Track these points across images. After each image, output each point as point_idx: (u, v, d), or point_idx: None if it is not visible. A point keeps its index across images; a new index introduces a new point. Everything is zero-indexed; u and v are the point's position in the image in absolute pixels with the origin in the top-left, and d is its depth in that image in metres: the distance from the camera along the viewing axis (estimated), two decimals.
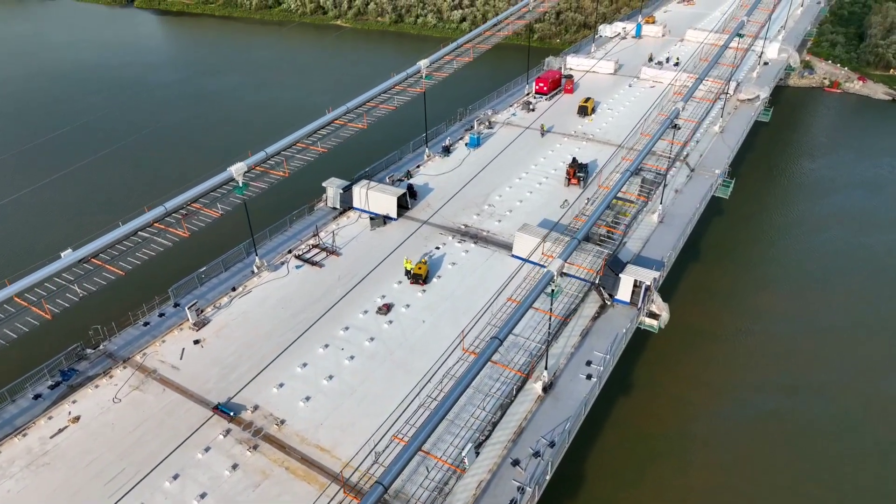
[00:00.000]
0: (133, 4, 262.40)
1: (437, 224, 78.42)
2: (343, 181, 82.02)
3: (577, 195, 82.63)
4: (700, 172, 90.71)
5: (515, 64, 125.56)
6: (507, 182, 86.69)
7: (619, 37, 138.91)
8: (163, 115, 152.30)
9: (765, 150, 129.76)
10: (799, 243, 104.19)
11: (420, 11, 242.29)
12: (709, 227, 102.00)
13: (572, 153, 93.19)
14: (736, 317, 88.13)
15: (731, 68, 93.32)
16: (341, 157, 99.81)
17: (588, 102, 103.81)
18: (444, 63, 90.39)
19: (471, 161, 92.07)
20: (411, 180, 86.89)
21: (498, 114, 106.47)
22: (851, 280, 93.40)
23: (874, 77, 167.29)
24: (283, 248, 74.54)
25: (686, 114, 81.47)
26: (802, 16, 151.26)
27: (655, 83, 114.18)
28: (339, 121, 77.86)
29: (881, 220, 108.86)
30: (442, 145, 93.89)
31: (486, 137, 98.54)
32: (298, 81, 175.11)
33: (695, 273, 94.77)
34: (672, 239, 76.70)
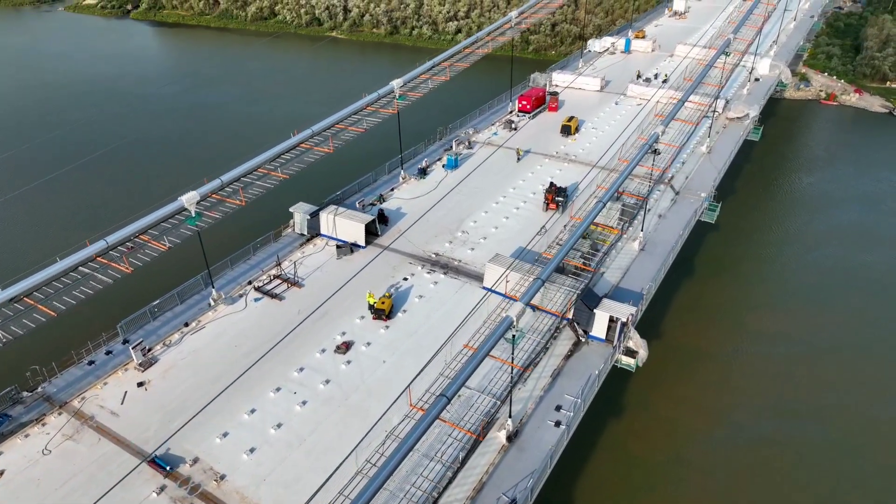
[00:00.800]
0: (129, 16, 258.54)
1: (408, 252, 73.72)
2: (311, 206, 77.42)
3: (556, 220, 77.80)
4: (685, 195, 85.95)
5: (504, 78, 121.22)
6: (483, 206, 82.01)
7: (608, 52, 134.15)
8: (145, 128, 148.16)
9: (761, 163, 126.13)
10: (796, 260, 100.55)
11: (415, 23, 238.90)
12: (703, 243, 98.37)
13: (553, 175, 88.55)
14: (731, 336, 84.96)
15: (717, 88, 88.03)
16: (314, 179, 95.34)
17: (571, 121, 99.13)
18: (420, 83, 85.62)
19: (447, 183, 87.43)
20: (384, 205, 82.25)
21: (479, 133, 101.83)
22: (850, 299, 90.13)
23: (870, 89, 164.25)
24: (244, 279, 69.88)
25: (668, 137, 76.65)
26: (795, 30, 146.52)
27: (643, 101, 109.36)
28: (305, 144, 73.12)
29: (880, 235, 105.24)
30: (418, 167, 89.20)
31: (465, 158, 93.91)
32: (293, 93, 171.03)
33: (689, 290, 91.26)
34: (653, 268, 71.90)
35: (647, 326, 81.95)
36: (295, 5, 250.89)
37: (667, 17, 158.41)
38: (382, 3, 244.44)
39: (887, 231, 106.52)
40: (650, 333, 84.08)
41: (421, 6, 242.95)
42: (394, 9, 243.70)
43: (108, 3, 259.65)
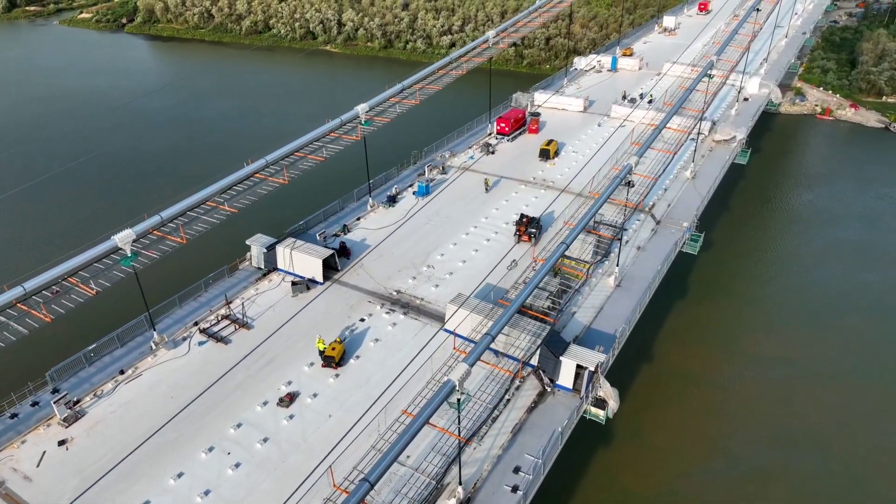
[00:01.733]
0: (124, 30, 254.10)
1: (368, 289, 68.06)
2: (269, 239, 71.80)
3: (528, 253, 72.15)
4: (667, 225, 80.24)
5: (483, 94, 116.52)
6: (452, 237, 76.37)
7: (594, 70, 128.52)
8: (124, 144, 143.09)
9: (757, 179, 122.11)
10: (794, 280, 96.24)
11: (409, 37, 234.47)
12: (698, 262, 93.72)
13: (528, 203, 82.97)
14: (727, 359, 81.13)
15: (703, 110, 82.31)
16: (279, 207, 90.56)
17: (550, 145, 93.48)
18: (388, 107, 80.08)
19: (417, 212, 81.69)
20: (348, 235, 76.67)
21: (455, 156, 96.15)
22: (850, 320, 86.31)
23: (866, 104, 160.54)
24: (191, 319, 64.16)
25: (646, 166, 70.88)
26: (787, 47, 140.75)
27: (627, 122, 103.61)
28: (260, 174, 67.57)
29: (880, 254, 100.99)
30: (388, 194, 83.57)
31: (439, 184, 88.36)
32: (285, 108, 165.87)
33: (682, 311, 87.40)
34: (629, 307, 66.11)
35: (639, 349, 79.96)
36: (289, 19, 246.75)
37: (656, 34, 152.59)
38: (376, 17, 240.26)
39: (887, 249, 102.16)
40: (642, 356, 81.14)
41: (415, 20, 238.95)
42: (388, 23, 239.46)
43: (103, 17, 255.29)
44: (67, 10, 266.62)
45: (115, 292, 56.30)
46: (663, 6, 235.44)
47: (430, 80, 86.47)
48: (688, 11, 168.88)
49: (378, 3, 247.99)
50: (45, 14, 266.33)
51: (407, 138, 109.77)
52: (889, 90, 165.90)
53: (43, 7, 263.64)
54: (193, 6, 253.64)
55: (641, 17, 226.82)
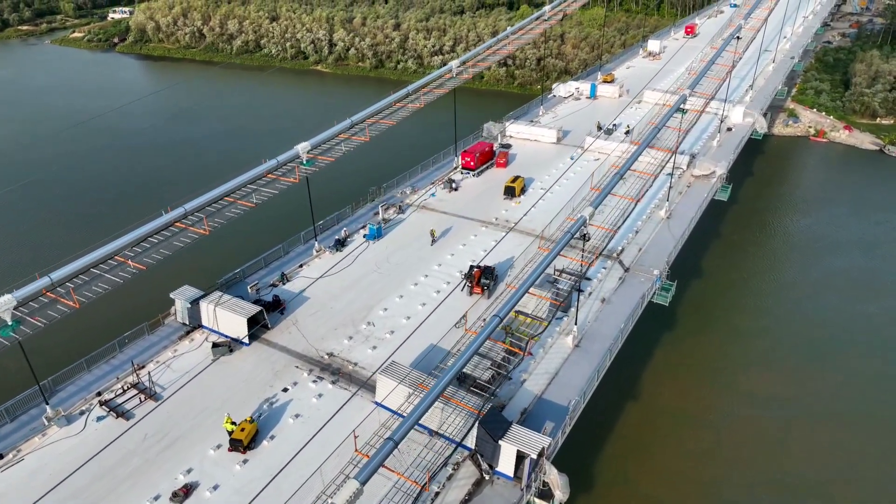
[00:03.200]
0: (115, 49, 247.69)
1: (297, 352, 59.81)
2: (196, 291, 63.59)
3: (480, 307, 63.85)
4: (636, 273, 71.78)
5: (475, 119, 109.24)
6: (399, 288, 68.11)
7: (573, 97, 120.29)
8: (93, 168, 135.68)
9: (751, 204, 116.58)
10: (792, 311, 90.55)
11: (400, 57, 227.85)
12: (688, 291, 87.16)
13: (487, 248, 74.77)
14: (722, 397, 76.39)
15: (674, 148, 73.98)
16: (216, 252, 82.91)
17: (516, 182, 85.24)
18: (334, 144, 72.02)
19: (366, 258, 73.66)
20: (287, 285, 68.38)
21: (416, 193, 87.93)
22: (850, 356, 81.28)
23: (860, 126, 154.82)
24: (97, 387, 55.92)
25: (603, 217, 62.51)
26: (774, 73, 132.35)
27: (602, 155, 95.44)
28: (181, 223, 59.44)
29: (880, 284, 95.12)
30: (336, 237, 75.34)
31: (394, 224, 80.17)
32: (273, 129, 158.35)
33: (673, 345, 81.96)
34: (585, 373, 57.68)
35: (628, 385, 75.17)
36: (280, 39, 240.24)
37: (641, 58, 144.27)
38: (367, 37, 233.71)
39: (887, 278, 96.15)
40: (631, 393, 75.24)
41: (406, 40, 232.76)
42: (379, 43, 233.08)
43: (95, 37, 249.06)
44: (60, 30, 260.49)
45: (8, 356, 48.53)
46: (656, 27, 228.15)
47: (385, 115, 78.21)
48: (674, 34, 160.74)
49: (369, 23, 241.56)
50: (38, 33, 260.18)
51: (367, 173, 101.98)
52: (883, 112, 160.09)
53: (35, 27, 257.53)
54: (185, 26, 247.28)
55: (633, 38, 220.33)
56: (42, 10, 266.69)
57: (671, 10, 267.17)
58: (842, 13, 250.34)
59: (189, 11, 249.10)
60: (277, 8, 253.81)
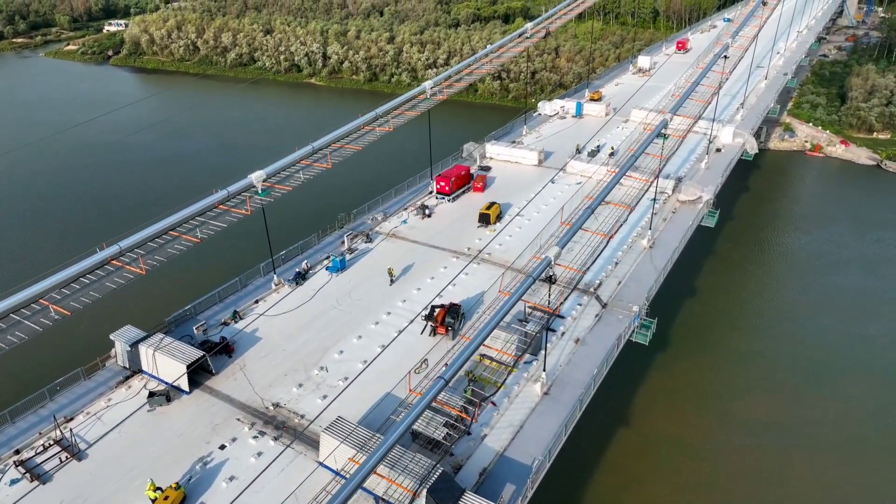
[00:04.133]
0: (109, 62, 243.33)
1: (241, 402, 54.25)
2: (139, 332, 58.07)
3: (444, 349, 58.07)
4: (615, 309, 65.99)
5: (464, 133, 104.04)
6: (358, 328, 62.50)
7: (558, 116, 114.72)
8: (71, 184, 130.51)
9: (748, 220, 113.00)
10: (790, 333, 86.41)
11: (394, 70, 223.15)
12: (681, 311, 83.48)
13: (458, 282, 69.14)
14: (716, 425, 72.15)
15: (654, 177, 68.37)
16: (165, 287, 77.74)
17: (491, 209, 79.66)
18: (294, 172, 66.55)
19: (327, 293, 68.08)
20: (238, 324, 62.74)
21: (388, 219, 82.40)
22: (851, 380, 77.57)
23: (857, 141, 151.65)
24: (16, 443, 50.33)
25: (572, 256, 56.83)
26: (767, 90, 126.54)
27: (584, 177, 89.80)
28: (116, 261, 53.98)
29: (881, 305, 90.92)
30: (296, 270, 69.78)
31: (361, 255, 74.62)
32: (264, 143, 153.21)
33: (666, 369, 77.72)
34: (553, 426, 51.95)
35: (622, 412, 71.12)
36: (274, 52, 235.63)
37: (630, 75, 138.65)
38: (361, 50, 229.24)
39: (889, 299, 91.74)
40: (625, 420, 71.09)
41: (400, 53, 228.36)
42: (373, 56, 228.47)
43: (89, 49, 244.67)
44: (55, 42, 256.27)
45: None
46: (651, 40, 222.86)
47: (351, 139, 72.73)
48: (666, 50, 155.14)
49: (364, 36, 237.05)
50: (32, 46, 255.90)
51: (339, 197, 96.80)
52: (880, 126, 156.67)
53: (30, 39, 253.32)
54: (179, 39, 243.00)
55: (628, 52, 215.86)
56: (37, 23, 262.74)
57: (667, 24, 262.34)
58: (838, 26, 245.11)
59: (183, 24, 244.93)
60: (272, 21, 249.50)
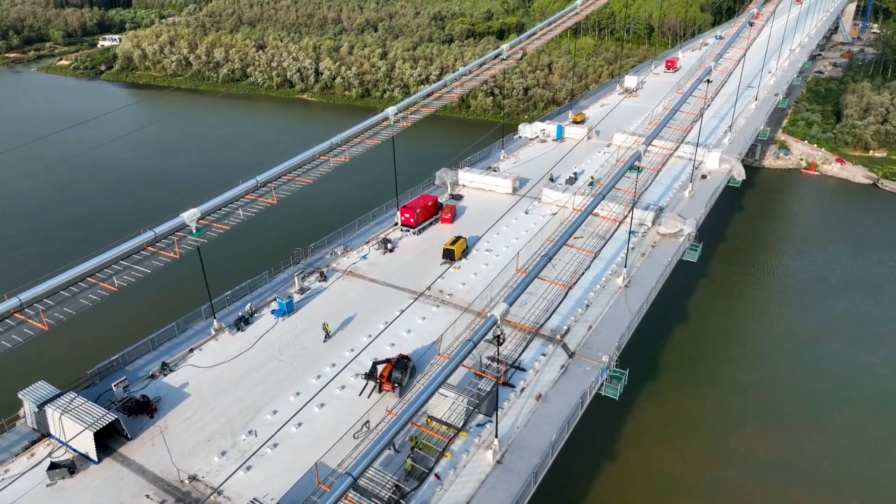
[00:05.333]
0: (101, 77, 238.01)
1: (155, 474, 47.49)
2: (51, 389, 51.44)
3: (390, 407, 50.98)
4: (582, 359, 59.05)
5: (453, 146, 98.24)
6: (298, 383, 55.73)
7: (538, 139, 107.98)
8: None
9: (744, 240, 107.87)
10: (789, 361, 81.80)
11: (387, 86, 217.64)
12: (672, 337, 79.60)
13: (414, 327, 62.43)
14: (713, 460, 67.72)
15: (622, 217, 61.54)
16: (95, 333, 71.14)
17: (456, 244, 72.90)
18: (235, 208, 59.91)
19: (270, 340, 61.32)
20: (166, 378, 55.96)
21: (349, 253, 75.68)
22: (853, 411, 73.39)
23: (853, 159, 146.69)
24: None
25: (522, 311, 49.94)
26: (757, 111, 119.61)
27: (559, 207, 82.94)
28: (19, 314, 47.30)
29: (883, 330, 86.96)
30: (238, 314, 63.02)
31: (313, 295, 67.74)
32: (256, 159, 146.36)
33: (658, 400, 73.13)
34: (506, 499, 45.04)
35: (603, 445, 66.88)
36: (266, 67, 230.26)
37: (617, 95, 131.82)
38: (354, 65, 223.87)
39: (891, 323, 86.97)
40: (616, 456, 67.11)
41: (392, 69, 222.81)
42: (365, 72, 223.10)
43: (81, 64, 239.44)
44: (48, 57, 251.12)
45: None
46: (645, 56, 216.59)
47: (301, 172, 66.11)
48: (655, 69, 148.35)
49: (356, 52, 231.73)
50: (25, 61, 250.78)
51: (297, 228, 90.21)
52: (876, 144, 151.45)
53: (23, 54, 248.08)
54: (171, 54, 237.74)
55: (622, 69, 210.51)
56: (31, 38, 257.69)
57: (661, 40, 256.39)
58: (833, 42, 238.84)
59: (176, 40, 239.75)
60: (265, 36, 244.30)
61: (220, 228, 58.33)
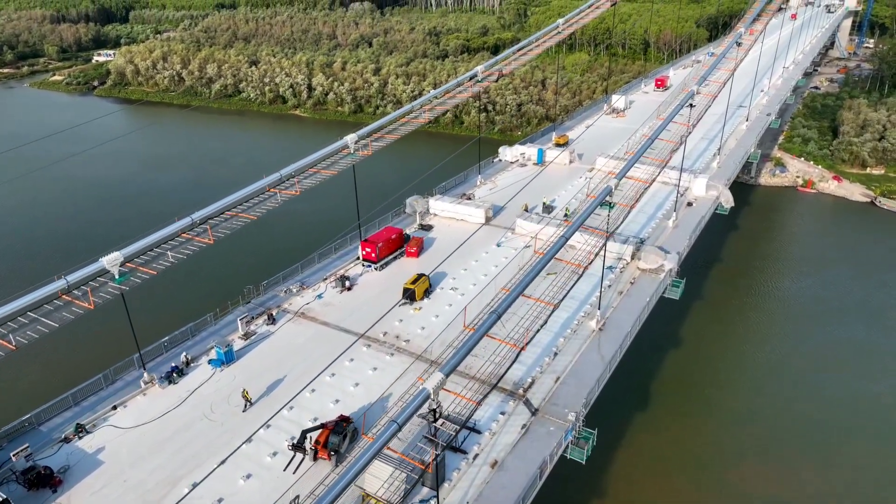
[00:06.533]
0: (93, 93, 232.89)
1: None
2: None
3: (323, 478, 44.16)
4: (547, 417, 52.28)
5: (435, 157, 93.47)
6: (224, 448, 48.88)
7: (518, 163, 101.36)
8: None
9: (740, 260, 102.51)
10: (789, 390, 76.98)
11: (379, 102, 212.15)
12: (663, 364, 74.65)
13: (363, 379, 55.62)
14: (708, 497, 63.40)
15: (588, 262, 54.77)
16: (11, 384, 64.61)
17: (418, 283, 66.20)
18: (158, 253, 53.34)
19: (202, 395, 54.60)
20: (80, 442, 49.22)
21: (305, 291, 69.08)
22: (857, 446, 68.46)
23: (850, 176, 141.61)
24: None
25: (458, 387, 43.22)
26: (748, 132, 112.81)
27: (533, 240, 75.94)
28: None
29: (886, 358, 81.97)
30: (171, 365, 56.37)
31: (259, 340, 61.02)
32: (240, 176, 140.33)
33: (649, 430, 68.95)
34: None
35: (592, 483, 62.75)
36: (259, 83, 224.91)
37: (604, 115, 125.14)
38: (346, 81, 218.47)
39: (894, 350, 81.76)
40: (595, 491, 63.23)
41: (385, 85, 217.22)
42: (358, 87, 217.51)
43: (74, 80, 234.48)
44: (42, 73, 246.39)
45: None
46: (639, 72, 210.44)
47: (244, 208, 59.59)
48: (645, 87, 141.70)
49: (349, 67, 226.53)
50: (18, 76, 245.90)
51: (253, 261, 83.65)
52: (873, 161, 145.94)
53: (17, 69, 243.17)
54: (164, 69, 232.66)
55: (615, 84, 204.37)
56: (25, 53, 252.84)
57: (658, 55, 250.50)
58: (829, 58, 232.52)
59: (169, 55, 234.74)
60: (258, 52, 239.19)
61: (146, 273, 51.64)
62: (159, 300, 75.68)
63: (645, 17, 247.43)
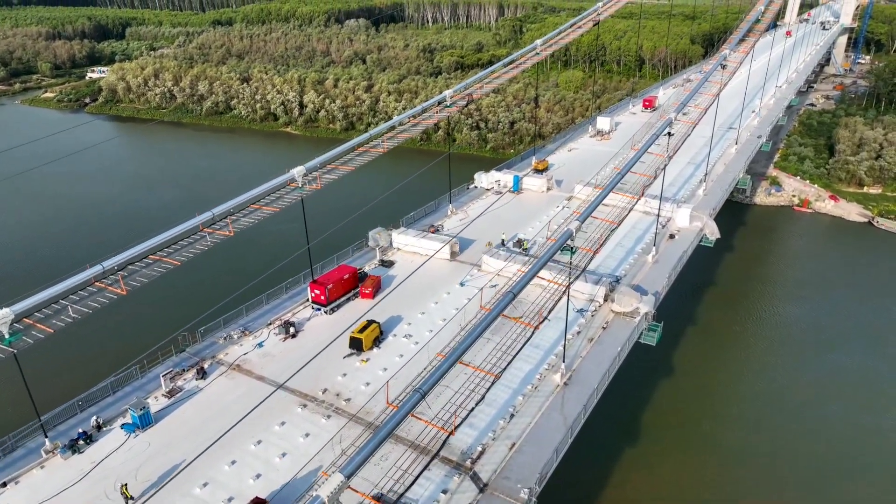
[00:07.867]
0: (84, 110, 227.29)
1: None
2: None
3: None
4: (497, 494, 44.80)
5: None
6: None
7: (493, 191, 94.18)
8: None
9: (734, 285, 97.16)
10: (788, 424, 72.37)
11: (371, 119, 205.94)
12: (660, 394, 71.82)
13: (294, 448, 48.21)
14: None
15: (549, 308, 47.51)
16: None
17: (366, 332, 58.91)
18: (65, 305, 46.27)
19: (110, 467, 47.36)
20: None
21: (246, 338, 61.83)
22: (863, 488, 63.84)
23: (846, 195, 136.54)
24: None
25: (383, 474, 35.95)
26: (737, 156, 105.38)
27: (499, 277, 68.91)
28: None
29: (889, 387, 77.44)
30: (79, 430, 49.15)
31: (185, 398, 53.76)
32: (224, 195, 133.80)
33: (644, 467, 64.93)
34: None
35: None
36: (250, 100, 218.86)
37: (588, 138, 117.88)
38: (338, 98, 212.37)
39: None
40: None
41: (377, 102, 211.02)
42: (350, 104, 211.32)
43: (65, 97, 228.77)
44: (35, 89, 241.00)
45: None
46: (633, 89, 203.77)
47: (168, 252, 52.51)
48: (632, 108, 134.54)
49: (341, 84, 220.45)
50: (10, 93, 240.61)
51: (190, 301, 76.57)
52: (870, 181, 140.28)
53: (9, 87, 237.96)
54: (155, 86, 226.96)
55: (608, 102, 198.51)
56: (18, 70, 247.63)
57: (653, 72, 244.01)
58: (825, 74, 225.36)
59: (161, 72, 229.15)
60: (250, 69, 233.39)
61: (43, 330, 44.54)
62: (83, 347, 68.69)
63: (640, 33, 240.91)
